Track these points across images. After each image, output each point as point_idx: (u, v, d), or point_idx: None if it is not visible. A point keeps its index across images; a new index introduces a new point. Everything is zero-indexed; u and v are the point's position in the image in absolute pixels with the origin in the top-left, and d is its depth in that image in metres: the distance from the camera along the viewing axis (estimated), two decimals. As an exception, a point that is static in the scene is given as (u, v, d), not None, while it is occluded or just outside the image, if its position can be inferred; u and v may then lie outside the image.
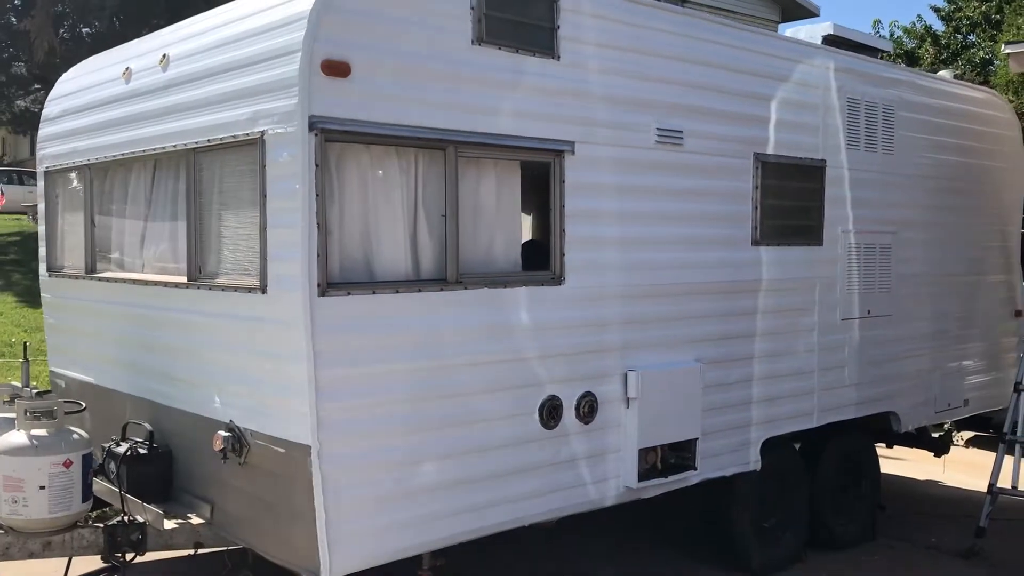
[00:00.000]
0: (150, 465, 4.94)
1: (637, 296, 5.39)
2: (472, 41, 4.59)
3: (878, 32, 28.62)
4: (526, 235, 5.37)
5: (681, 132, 5.59)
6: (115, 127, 5.44)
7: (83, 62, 6.40)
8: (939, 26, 28.80)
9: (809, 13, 26.08)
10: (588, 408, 5.16)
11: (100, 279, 5.67)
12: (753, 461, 6.17)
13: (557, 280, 5.01)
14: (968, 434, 10.63)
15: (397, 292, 4.37)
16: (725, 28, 5.91)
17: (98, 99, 5.69)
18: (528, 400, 4.91)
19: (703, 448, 5.75)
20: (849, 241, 6.82)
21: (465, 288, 4.62)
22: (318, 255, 4.08)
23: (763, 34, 6.12)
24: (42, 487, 4.52)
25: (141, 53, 5.46)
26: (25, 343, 5.12)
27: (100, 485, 4.97)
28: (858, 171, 6.85)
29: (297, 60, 4.03)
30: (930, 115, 7.51)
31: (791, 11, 25.82)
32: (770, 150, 6.16)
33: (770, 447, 6.29)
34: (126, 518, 4.81)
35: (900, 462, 9.37)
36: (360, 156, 4.33)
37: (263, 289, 4.26)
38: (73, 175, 5.98)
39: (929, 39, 28.41)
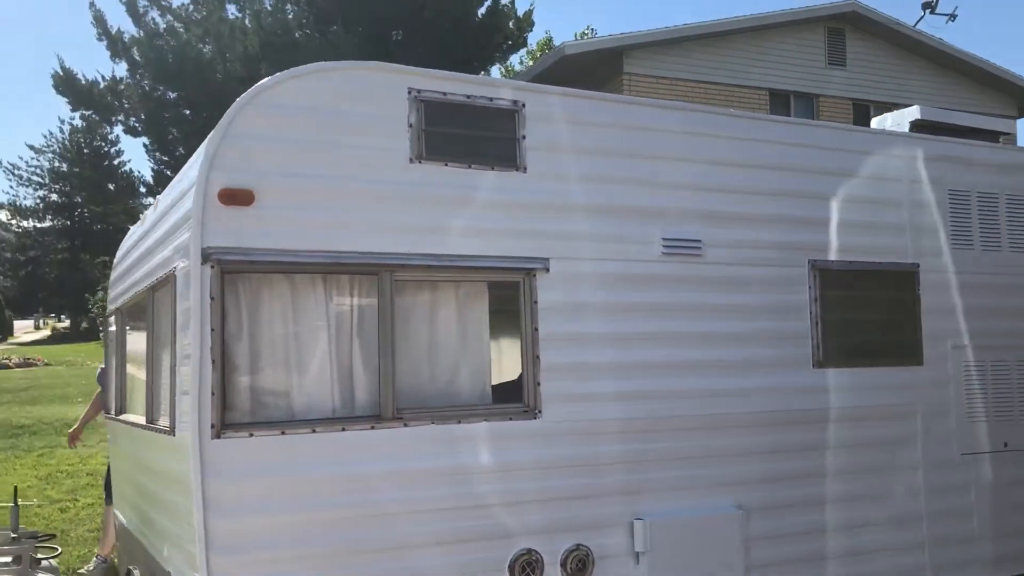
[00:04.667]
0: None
1: (645, 430, 4.66)
2: (410, 159, 4.28)
3: None
4: (508, 366, 4.84)
5: (699, 241, 4.90)
6: (130, 271, 5.60)
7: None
8: None
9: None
10: (578, 564, 4.44)
11: (121, 421, 5.76)
12: (830, 624, 5.06)
13: (531, 413, 4.42)
14: None
15: (313, 432, 4.00)
16: (748, 122, 5.19)
17: (130, 244, 5.91)
18: (494, 554, 4.29)
19: (751, 613, 4.78)
20: (966, 358, 5.65)
21: (404, 425, 4.16)
22: (212, 393, 3.82)
23: (810, 124, 5.34)
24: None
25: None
26: (16, 487, 5.21)
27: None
28: (973, 274, 5.73)
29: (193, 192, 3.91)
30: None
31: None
32: (833, 256, 5.27)
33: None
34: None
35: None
36: (271, 287, 4.08)
37: (172, 431, 4.05)
38: (112, 319, 6.21)
39: None
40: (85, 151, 53.35)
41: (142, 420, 4.94)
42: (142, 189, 33.96)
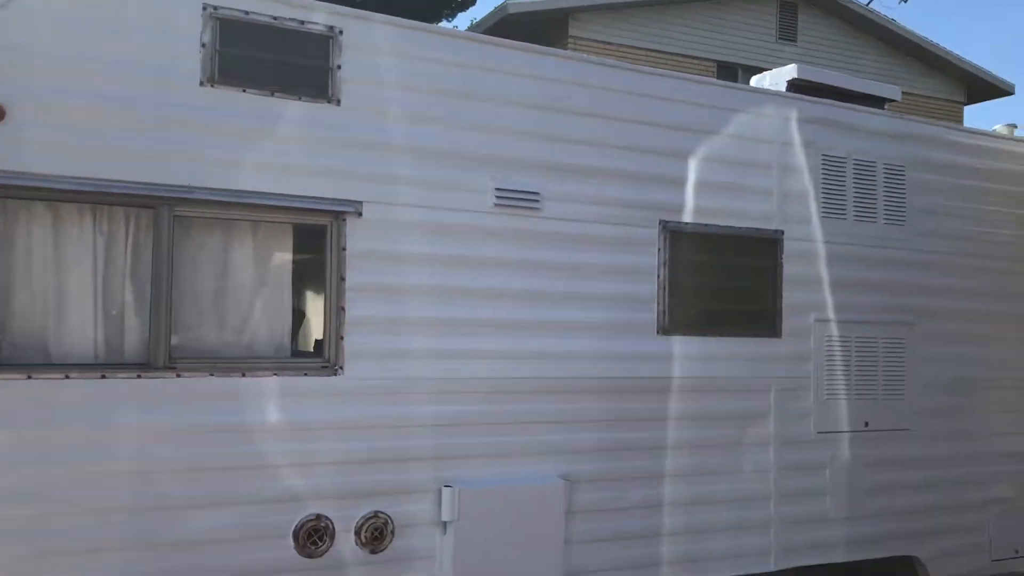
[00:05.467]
0: None
1: (462, 392, 4.33)
2: (201, 82, 3.86)
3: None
4: (311, 318, 4.48)
5: (537, 194, 4.54)
6: None
7: None
8: None
9: (1002, 92, 23.31)
10: (373, 533, 4.11)
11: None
12: (666, 614, 4.79)
13: (330, 369, 4.07)
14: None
15: (67, 378, 3.61)
16: (601, 69, 4.82)
17: None
18: (276, 519, 3.95)
19: (570, 592, 4.50)
20: (829, 332, 5.38)
21: (177, 375, 3.79)
22: (-55, 329, 3.42)
23: (674, 77, 4.99)
24: None
25: None
26: None
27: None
28: (843, 245, 5.44)
29: None
30: (968, 177, 5.95)
31: (981, 91, 23.14)
32: (688, 217, 4.95)
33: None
34: None
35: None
36: (29, 215, 3.67)
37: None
38: None
39: None
40: None
41: None
42: None
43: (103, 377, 3.67)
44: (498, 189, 4.44)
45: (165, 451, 3.75)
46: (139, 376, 3.73)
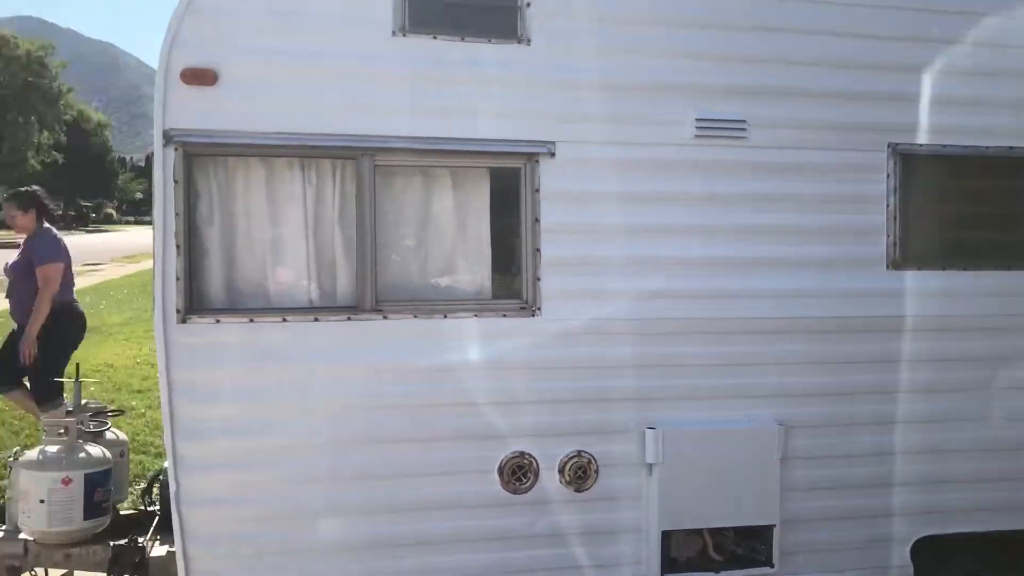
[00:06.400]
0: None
1: (665, 333, 4.20)
2: (393, 32, 3.97)
3: None
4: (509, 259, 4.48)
5: (743, 122, 4.28)
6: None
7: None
8: None
9: None
10: (577, 471, 4.12)
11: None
12: (897, 567, 4.44)
13: (528, 310, 4.09)
14: None
15: (284, 320, 3.89)
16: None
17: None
18: (481, 454, 4.06)
19: (787, 540, 4.29)
20: (1103, 262, 4.67)
21: (385, 318, 3.97)
22: (177, 278, 3.79)
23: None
24: (41, 501, 4.77)
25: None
26: (77, 364, 5.53)
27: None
28: None
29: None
30: None
31: None
32: (921, 139, 4.46)
33: (942, 552, 4.50)
34: (133, 540, 4.90)
35: None
36: (245, 171, 3.96)
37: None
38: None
39: None
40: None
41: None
42: None
43: (316, 320, 3.92)
44: (699, 120, 4.22)
45: (374, 389, 3.95)
46: (348, 319, 3.95)
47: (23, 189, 6.84)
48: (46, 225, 6.73)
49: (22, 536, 4.81)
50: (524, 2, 4.08)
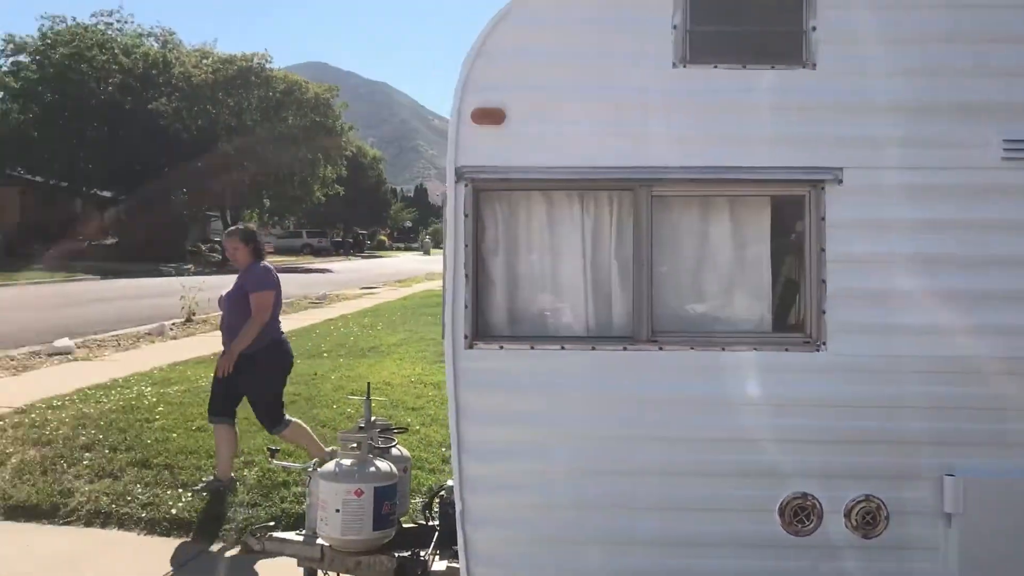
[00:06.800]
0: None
1: (966, 371, 3.88)
2: (673, 63, 3.98)
3: None
4: (791, 291, 4.29)
5: (1059, 141, 3.88)
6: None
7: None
8: None
9: None
10: (865, 517, 3.89)
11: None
12: None
13: (812, 344, 3.93)
14: None
15: (562, 348, 3.98)
16: None
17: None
18: (760, 493, 3.93)
19: (1114, 610, 3.80)
20: None
21: (660, 349, 3.96)
22: (465, 306, 3.98)
23: None
24: (337, 510, 5.17)
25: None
26: (368, 382, 5.90)
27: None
28: None
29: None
30: None
31: None
32: None
33: None
34: (416, 554, 5.18)
35: None
36: (527, 204, 4.10)
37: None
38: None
39: None
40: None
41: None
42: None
43: (593, 349, 3.98)
44: (1007, 140, 3.88)
45: (649, 419, 3.94)
46: (624, 348, 3.97)
47: (243, 226, 7.38)
48: (259, 261, 7.20)
49: (319, 541, 5.21)
50: (810, 26, 3.95)
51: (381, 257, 71.75)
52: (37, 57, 49.38)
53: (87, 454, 7.68)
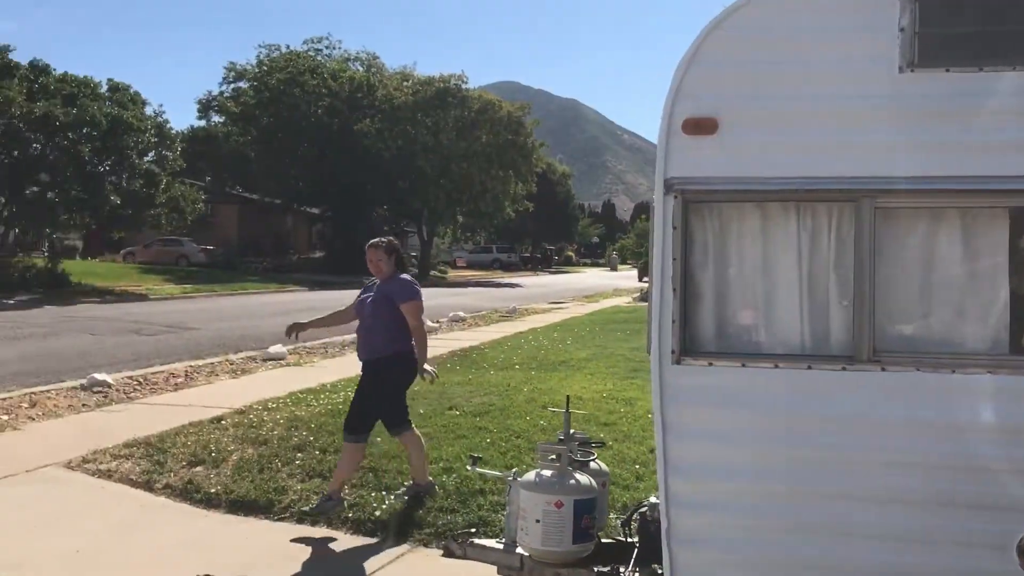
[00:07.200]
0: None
1: None
2: (900, 68, 3.76)
3: None
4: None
5: None
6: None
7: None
8: None
9: None
10: (1124, 562, 3.51)
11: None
12: None
13: (1057, 369, 3.60)
14: None
15: (776, 367, 3.83)
16: None
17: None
18: (995, 527, 3.62)
19: None
20: None
21: (883, 369, 3.74)
22: (673, 321, 3.91)
23: None
24: (537, 520, 5.21)
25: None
26: (567, 396, 5.89)
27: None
28: None
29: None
30: None
31: None
32: None
33: None
34: (616, 570, 5.14)
35: None
36: (740, 216, 3.98)
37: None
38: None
39: None
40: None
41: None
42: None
43: (809, 368, 3.81)
44: None
45: (870, 443, 3.73)
46: (843, 368, 3.78)
47: (387, 239, 7.45)
48: (402, 272, 7.28)
49: (519, 551, 5.26)
50: (1056, 22, 3.64)
51: (568, 272, 72.33)
52: (255, 83, 53.21)
53: (299, 454, 8.13)
